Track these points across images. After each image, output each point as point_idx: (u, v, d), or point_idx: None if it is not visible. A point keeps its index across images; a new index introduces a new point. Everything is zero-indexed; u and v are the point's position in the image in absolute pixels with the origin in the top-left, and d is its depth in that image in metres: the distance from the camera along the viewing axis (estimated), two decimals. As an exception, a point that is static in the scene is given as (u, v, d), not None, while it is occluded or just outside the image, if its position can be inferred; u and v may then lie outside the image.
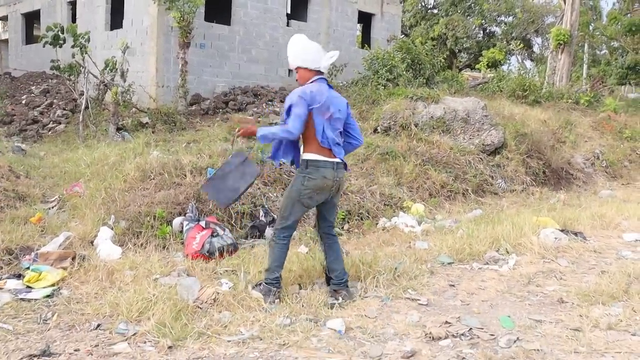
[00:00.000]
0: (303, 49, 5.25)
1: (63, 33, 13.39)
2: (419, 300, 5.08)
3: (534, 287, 5.53)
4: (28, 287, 5.26)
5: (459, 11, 36.16)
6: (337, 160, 5.06)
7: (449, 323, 4.52)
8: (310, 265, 5.66)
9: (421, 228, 8.23)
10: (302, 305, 4.83)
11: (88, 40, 13.73)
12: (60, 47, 13.66)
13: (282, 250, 5.13)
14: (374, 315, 4.70)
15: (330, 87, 5.24)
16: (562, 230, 7.34)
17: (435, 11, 37.93)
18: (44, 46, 13.96)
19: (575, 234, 7.39)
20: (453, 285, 5.57)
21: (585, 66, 36.81)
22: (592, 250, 6.93)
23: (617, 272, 5.72)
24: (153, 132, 13.13)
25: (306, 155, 5.04)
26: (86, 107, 13.65)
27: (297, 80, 5.28)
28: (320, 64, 5.20)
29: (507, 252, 6.64)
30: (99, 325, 4.41)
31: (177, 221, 7.07)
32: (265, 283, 5.05)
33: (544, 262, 6.32)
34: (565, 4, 24.01)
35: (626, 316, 4.56)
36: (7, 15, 27.04)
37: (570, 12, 23.24)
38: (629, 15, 30.38)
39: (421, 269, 5.94)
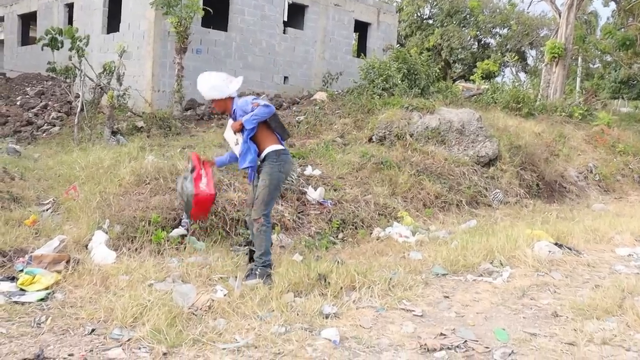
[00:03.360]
0: (212, 86, 5.99)
1: (61, 36, 13.37)
2: (413, 311, 5.08)
3: (528, 300, 5.54)
4: (22, 289, 5.23)
5: (454, 22, 36.34)
6: None
7: (444, 335, 4.52)
8: (304, 273, 5.65)
9: (415, 238, 8.25)
10: (297, 314, 4.82)
11: (86, 43, 13.72)
12: (58, 49, 13.64)
13: (270, 232, 6.14)
14: (369, 325, 4.70)
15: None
16: (555, 244, 7.36)
17: (431, 22, 38.08)
18: (42, 49, 13.94)
19: (569, 247, 7.41)
20: (447, 297, 5.57)
21: (578, 79, 36.98)
22: (585, 264, 6.95)
23: (611, 286, 5.74)
24: (148, 137, 13.13)
25: (272, 147, 6.02)
26: (81, 110, 13.63)
27: (213, 111, 6.12)
28: (230, 91, 6.02)
29: (501, 265, 6.65)
30: (93, 330, 4.39)
31: (175, 233, 7.07)
32: (263, 266, 5.76)
33: (537, 275, 6.33)
34: (560, 17, 24.15)
35: (620, 331, 4.58)
36: (3, 16, 26.97)
37: (565, 26, 23.36)
38: (622, 29, 30.53)
39: (416, 280, 5.94)
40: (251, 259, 6.18)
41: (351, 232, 8.54)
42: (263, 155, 6.02)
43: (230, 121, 6.13)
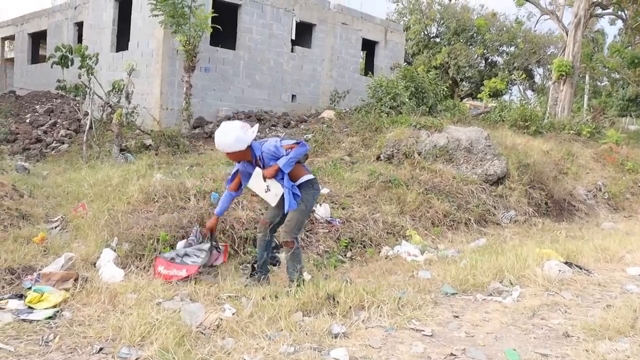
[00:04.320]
0: (237, 138, 5.84)
1: (71, 54, 13.46)
2: (423, 330, 5.03)
3: (539, 320, 5.48)
4: (30, 307, 5.22)
5: (461, 40, 36.42)
6: None
7: (454, 355, 4.47)
8: (313, 292, 5.62)
9: (424, 257, 8.21)
10: (306, 334, 4.78)
11: (96, 62, 13.81)
12: (68, 67, 13.72)
13: (301, 253, 6.50)
14: (378, 345, 4.65)
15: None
16: (565, 263, 7.30)
17: (438, 40, 38.17)
18: (51, 66, 14.02)
19: (579, 266, 7.35)
20: (457, 317, 5.52)
21: (586, 97, 36.98)
22: (596, 283, 6.87)
23: (623, 306, 5.67)
24: (156, 154, 13.16)
25: (307, 177, 6.20)
26: (90, 128, 13.68)
27: (235, 160, 6.17)
28: (249, 139, 5.92)
29: (511, 284, 6.59)
30: (101, 349, 4.37)
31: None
32: (297, 286, 5.87)
33: (548, 295, 6.26)
34: (567, 35, 24.20)
35: (633, 352, 4.52)
36: (14, 35, 27.23)
37: (572, 44, 23.40)
38: (630, 47, 30.57)
39: (425, 299, 5.89)
40: (253, 272, 6.52)
41: (359, 251, 8.51)
42: (297, 183, 6.13)
43: (258, 170, 6.05)
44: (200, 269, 6.44)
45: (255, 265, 6.52)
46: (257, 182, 6.10)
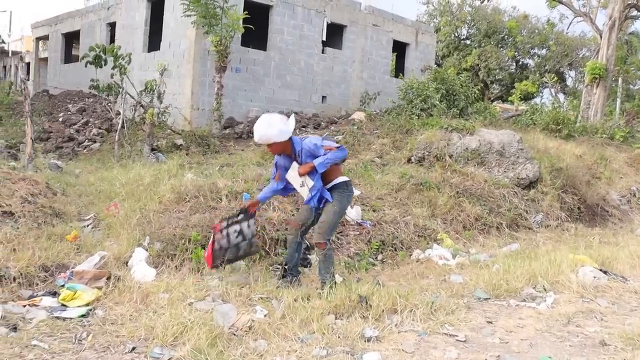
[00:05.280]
0: (280, 130, 5.89)
1: (104, 54, 13.58)
2: (456, 336, 4.97)
3: (574, 327, 5.37)
4: (63, 305, 5.28)
5: (492, 42, 36.17)
6: None
7: (489, 361, 4.42)
8: (345, 295, 5.58)
9: (456, 261, 8.13)
10: (338, 337, 4.74)
11: (129, 61, 13.92)
12: (102, 67, 13.85)
13: (333, 255, 6.56)
14: (412, 350, 4.60)
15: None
16: (600, 269, 7.17)
17: (469, 42, 37.96)
18: (85, 66, 14.15)
19: (615, 273, 7.21)
20: (491, 322, 5.44)
21: (618, 101, 36.43)
22: (632, 291, 6.73)
23: (661, 315, 5.56)
24: (187, 154, 13.23)
25: (342, 179, 6.24)
26: (122, 127, 13.80)
27: (276, 152, 6.15)
28: (290, 131, 5.98)
29: (545, 290, 6.48)
30: (134, 348, 4.38)
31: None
32: (330, 288, 5.81)
33: (583, 302, 6.15)
34: (601, 38, 23.85)
35: (673, 362, 4.42)
36: (47, 35, 27.61)
37: (606, 46, 23.06)
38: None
39: (458, 304, 5.82)
40: (284, 274, 6.46)
41: (390, 254, 8.46)
42: (332, 184, 6.17)
43: (295, 164, 6.06)
44: (216, 253, 6.39)
45: (287, 267, 6.49)
46: (294, 175, 6.10)
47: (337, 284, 6.01)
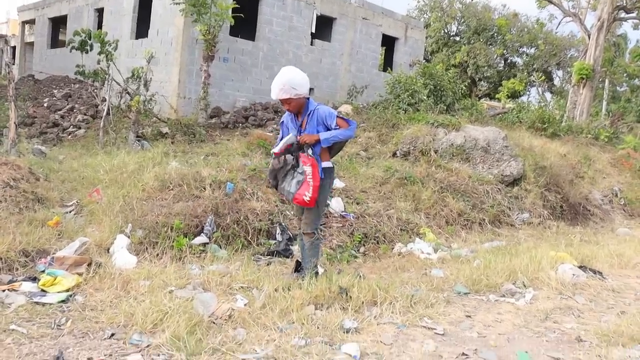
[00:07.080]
0: (303, 79, 5.77)
1: (90, 39, 13.48)
2: (435, 329, 5.00)
3: (552, 323, 5.43)
4: (43, 290, 5.25)
5: (481, 40, 36.27)
6: None
7: (466, 355, 4.44)
8: (325, 286, 5.60)
9: (437, 256, 8.18)
10: (318, 327, 4.76)
11: (115, 48, 13.84)
12: (87, 53, 13.75)
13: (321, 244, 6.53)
14: (390, 342, 4.62)
15: None
16: (579, 267, 7.24)
17: (458, 38, 38.02)
18: (70, 51, 14.07)
19: (594, 271, 7.28)
20: (469, 316, 5.48)
21: (604, 102, 36.69)
22: (610, 289, 6.80)
23: (637, 313, 5.61)
24: (172, 143, 13.18)
25: (327, 164, 5.96)
26: (107, 114, 13.72)
27: (293, 109, 5.86)
28: (308, 88, 5.87)
29: (524, 286, 6.55)
30: (112, 335, 4.37)
31: (197, 241, 7.07)
32: (316, 274, 5.97)
33: (561, 298, 6.21)
34: (589, 39, 23.99)
35: (647, 360, 4.48)
36: (34, 19, 27.35)
37: (594, 47, 23.22)
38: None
39: (437, 298, 5.86)
40: (297, 270, 6.31)
41: (372, 247, 8.49)
42: (325, 168, 5.95)
43: (292, 136, 5.82)
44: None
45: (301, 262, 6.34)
46: (290, 141, 5.81)
47: (319, 275, 6.01)
